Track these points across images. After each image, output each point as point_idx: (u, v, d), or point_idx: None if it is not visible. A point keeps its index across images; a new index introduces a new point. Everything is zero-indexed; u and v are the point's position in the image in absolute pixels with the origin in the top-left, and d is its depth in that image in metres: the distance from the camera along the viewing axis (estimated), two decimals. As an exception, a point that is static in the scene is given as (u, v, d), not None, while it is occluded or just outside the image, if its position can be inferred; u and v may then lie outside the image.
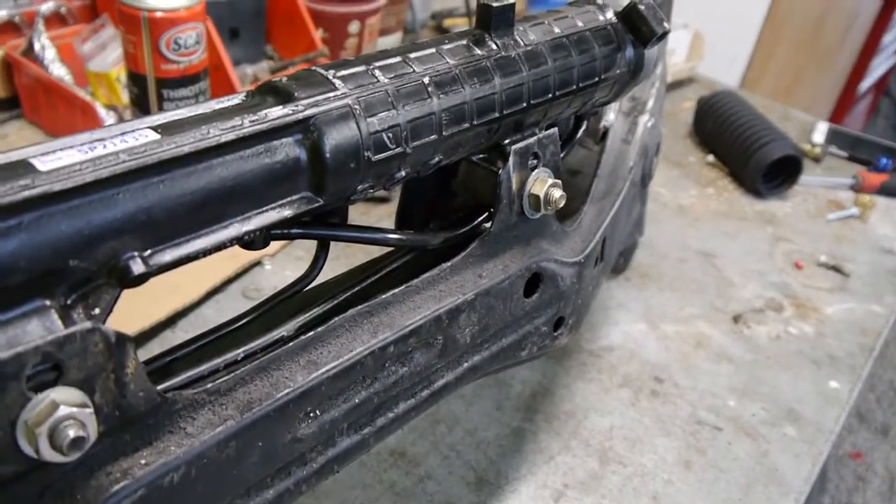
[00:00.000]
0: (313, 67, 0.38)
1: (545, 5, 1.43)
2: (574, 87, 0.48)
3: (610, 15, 0.51)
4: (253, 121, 0.33)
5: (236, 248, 0.41)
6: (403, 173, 0.40)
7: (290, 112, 0.34)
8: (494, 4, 0.44)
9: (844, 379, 0.78)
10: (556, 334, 0.53)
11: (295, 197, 0.36)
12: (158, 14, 0.73)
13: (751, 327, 0.83)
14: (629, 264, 0.88)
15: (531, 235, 0.49)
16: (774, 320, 0.84)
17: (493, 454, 0.64)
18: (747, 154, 1.05)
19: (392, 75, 0.39)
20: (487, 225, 0.46)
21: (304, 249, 0.84)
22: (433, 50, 0.42)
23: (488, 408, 0.69)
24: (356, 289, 0.43)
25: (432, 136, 0.40)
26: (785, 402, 0.74)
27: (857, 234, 1.02)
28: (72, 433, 0.28)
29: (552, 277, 0.50)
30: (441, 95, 0.40)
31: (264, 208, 0.35)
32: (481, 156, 0.46)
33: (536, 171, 0.47)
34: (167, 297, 0.72)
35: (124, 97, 0.89)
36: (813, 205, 1.07)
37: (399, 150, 0.38)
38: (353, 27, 1.05)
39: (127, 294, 0.32)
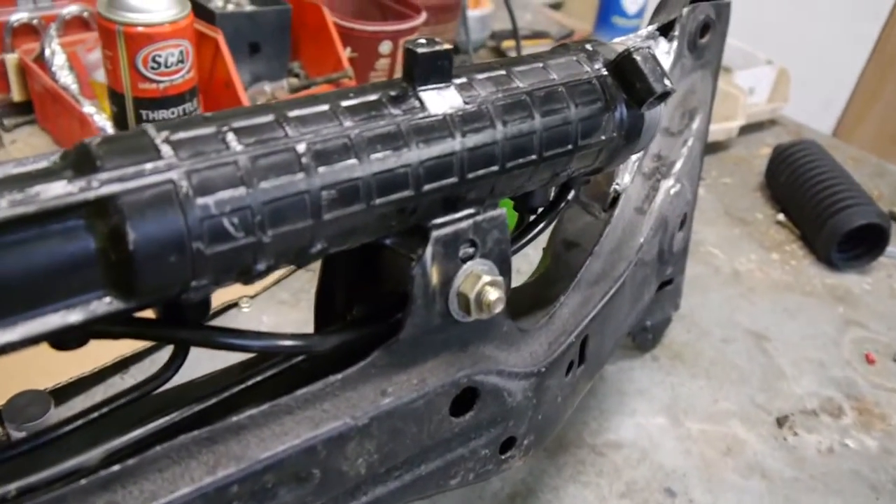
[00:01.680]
0: (146, 126, 0.29)
1: (612, 29, 1.31)
2: (533, 157, 0.38)
3: (598, 65, 0.41)
4: (14, 201, 0.25)
5: None
6: (263, 266, 0.31)
7: (77, 191, 0.26)
8: (420, 51, 0.34)
9: (908, 512, 0.64)
10: (503, 457, 0.43)
11: (86, 297, 0.27)
12: (137, 29, 0.66)
13: (797, 434, 0.69)
14: (659, 341, 0.76)
15: (468, 339, 0.39)
16: (829, 428, 0.70)
17: (445, 571, 0.54)
18: (823, 217, 0.90)
19: (251, 141, 0.30)
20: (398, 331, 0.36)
21: (290, 292, 0.76)
22: (326, 108, 0.32)
23: (454, 508, 0.59)
24: (208, 404, 0.34)
25: (304, 222, 0.31)
26: (826, 537, 0.61)
27: (951, 322, 0.86)
28: None
29: (494, 392, 0.40)
30: (321, 169, 0.31)
31: (36, 313, 0.26)
32: (395, 239, 0.36)
33: (470, 263, 0.37)
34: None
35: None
36: (900, 282, 0.92)
37: (250, 239, 0.29)
38: (385, 47, 0.97)
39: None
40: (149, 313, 0.32)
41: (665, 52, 0.58)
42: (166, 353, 0.40)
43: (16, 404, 0.57)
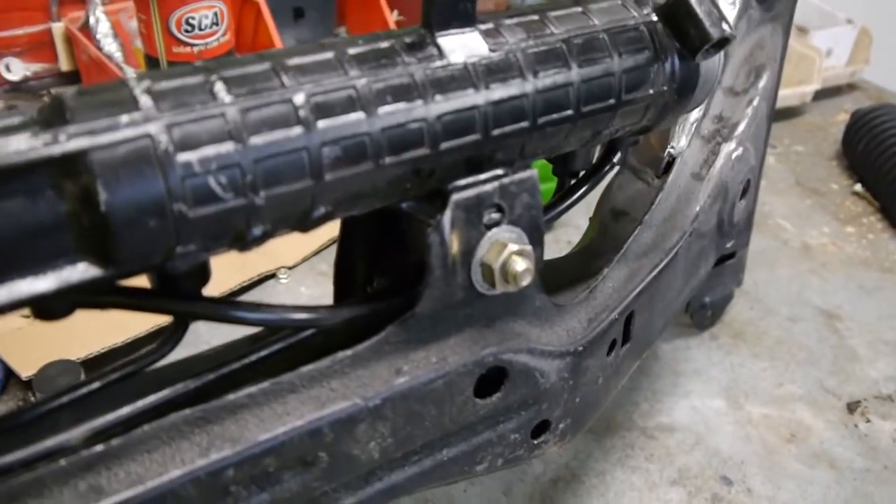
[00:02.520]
0: (127, 78, 0.26)
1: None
2: (570, 112, 0.34)
3: (647, 10, 0.36)
4: (-30, 156, 0.23)
5: (247, 255, 0.31)
6: (259, 231, 0.28)
7: (41, 145, 0.23)
8: (439, -9, 0.30)
9: None
10: (536, 442, 0.39)
11: (56, 263, 0.25)
12: (169, -11, 0.65)
13: (870, 421, 0.64)
14: (719, 319, 0.71)
15: (495, 314, 0.36)
16: (906, 414, 0.65)
17: (481, 558, 0.51)
18: (905, 187, 0.83)
19: (243, 91, 0.27)
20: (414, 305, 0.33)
21: (331, 263, 0.74)
22: (331, 55, 0.29)
23: (493, 491, 0.56)
24: (209, 377, 0.31)
25: (304, 182, 0.28)
26: (900, 534, 0.55)
27: None
28: None
29: (525, 372, 0.36)
30: (321, 123, 0.28)
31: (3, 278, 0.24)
32: (412, 203, 0.33)
33: (496, 229, 0.33)
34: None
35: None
36: None
37: (240, 201, 0.26)
38: (433, 10, 0.92)
39: None
40: (145, 283, 0.30)
41: (730, 2, 0.53)
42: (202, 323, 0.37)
43: (46, 374, 0.57)
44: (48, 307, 0.27)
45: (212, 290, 0.72)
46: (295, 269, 0.73)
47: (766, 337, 0.71)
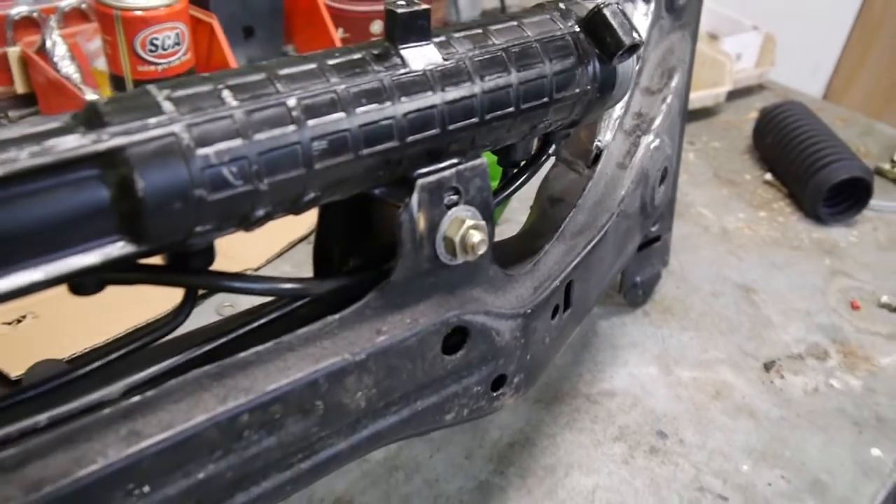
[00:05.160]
0: (148, 87, 0.32)
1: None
2: (511, 109, 0.40)
3: (571, 23, 0.43)
4: (34, 153, 0.28)
5: (219, 259, 0.36)
6: (262, 213, 0.34)
7: (88, 143, 0.29)
8: (400, 11, 0.37)
9: (891, 447, 0.66)
10: (495, 395, 0.46)
11: (101, 241, 0.30)
12: (134, 13, 0.69)
13: (784, 377, 0.72)
14: (649, 297, 0.79)
15: (456, 283, 0.42)
16: (815, 370, 0.73)
17: (449, 513, 0.57)
18: (809, 173, 0.93)
19: (246, 96, 0.32)
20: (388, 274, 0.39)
21: (292, 264, 0.79)
22: (313, 66, 0.35)
23: (456, 456, 0.62)
24: (218, 343, 0.37)
25: (297, 171, 0.33)
26: (811, 470, 0.63)
27: (935, 270, 0.89)
28: None
29: (483, 332, 0.43)
30: (310, 122, 0.33)
31: (57, 255, 0.29)
32: (384, 189, 0.39)
33: (455, 209, 0.39)
34: (131, 310, 0.68)
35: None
36: (885, 234, 0.94)
37: (248, 187, 0.32)
38: (376, 27, 0.99)
39: (88, 305, 0.27)
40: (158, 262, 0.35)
41: (643, 13, 0.61)
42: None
43: (35, 372, 0.61)
44: (83, 284, 0.32)
45: (174, 294, 0.77)
46: (259, 271, 0.78)
47: (691, 311, 0.79)
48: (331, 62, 0.35)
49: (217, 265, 0.67)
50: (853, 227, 0.94)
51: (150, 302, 0.70)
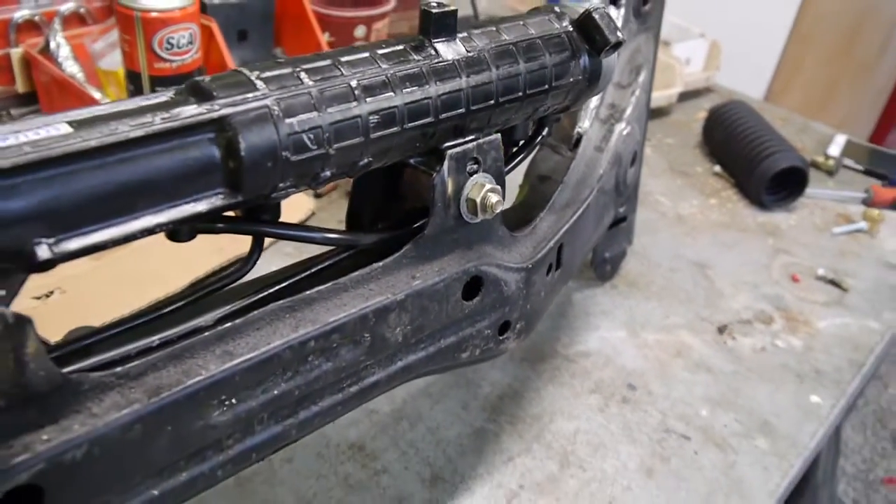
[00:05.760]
0: (239, 68, 0.39)
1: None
2: (520, 94, 0.49)
3: (566, 23, 0.52)
4: (164, 118, 0.35)
5: (223, 241, 0.41)
6: (328, 174, 0.41)
7: (205, 111, 0.36)
8: (434, 11, 0.45)
9: (827, 394, 0.77)
10: (501, 338, 0.54)
11: (209, 193, 0.37)
12: (152, 14, 0.76)
13: (735, 339, 0.82)
14: (617, 272, 0.88)
15: (473, 240, 0.50)
16: (761, 332, 0.83)
17: (453, 453, 0.65)
18: (752, 165, 1.03)
19: (318, 78, 0.40)
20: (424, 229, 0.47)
21: (294, 246, 0.86)
22: (367, 54, 0.43)
23: (454, 407, 0.70)
24: (285, 284, 0.44)
25: (358, 139, 0.41)
26: (760, 414, 0.73)
27: (863, 248, 1.00)
28: (-38, 404, 0.29)
29: (494, 282, 0.51)
30: (369, 99, 0.41)
31: (176, 202, 0.36)
32: (419, 159, 0.47)
33: (476, 176, 0.48)
34: (151, 287, 0.74)
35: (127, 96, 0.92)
36: (820, 218, 1.05)
37: (320, 151, 0.40)
38: (360, 31, 1.07)
39: (112, 282, 0.34)
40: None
41: (614, 17, 0.70)
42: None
43: (72, 337, 0.67)
44: (180, 232, 0.40)
45: (195, 271, 0.84)
46: (263, 252, 0.84)
47: (653, 284, 0.88)
48: (380, 52, 0.43)
49: (223, 244, 0.76)
50: (792, 212, 1.06)
51: (167, 280, 0.76)
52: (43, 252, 0.32)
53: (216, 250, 0.80)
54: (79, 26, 1.03)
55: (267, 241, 0.50)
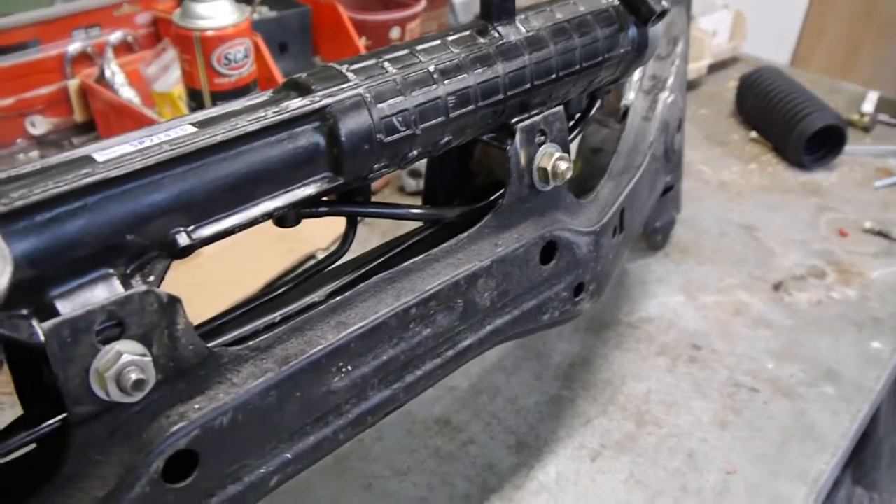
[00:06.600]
0: (330, 63, 0.43)
1: None
2: (577, 67, 0.52)
3: (611, -2, 0.55)
4: (276, 112, 0.39)
5: (292, 243, 0.44)
6: (415, 153, 0.45)
7: (308, 103, 0.40)
8: (494, -3, 0.48)
9: (887, 339, 0.79)
10: (576, 300, 0.57)
11: (316, 177, 0.41)
12: (209, 33, 0.80)
13: (791, 294, 0.84)
14: (667, 241, 0.91)
15: (545, 207, 0.53)
16: (816, 286, 0.86)
17: (533, 420, 0.68)
18: (789, 127, 1.05)
19: (400, 66, 0.44)
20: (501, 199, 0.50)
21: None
22: (439, 41, 0.46)
23: (528, 378, 0.73)
24: (381, 260, 0.48)
25: (440, 119, 0.45)
26: (824, 363, 0.75)
27: (906, 199, 1.02)
28: (134, 376, 0.33)
29: (567, 246, 0.54)
30: (446, 82, 0.45)
31: (290, 188, 0.40)
32: (491, 135, 0.50)
33: (544, 146, 0.51)
34: (229, 290, 0.78)
35: (186, 113, 0.97)
36: (860, 174, 1.07)
37: (409, 132, 0.43)
38: (395, 33, 1.10)
39: (192, 289, 0.37)
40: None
41: (646, -6, 0.73)
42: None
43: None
44: (287, 217, 0.43)
45: (269, 272, 0.89)
46: (328, 249, 0.88)
47: (704, 249, 0.91)
48: (450, 38, 0.47)
49: (290, 247, 0.80)
50: (832, 170, 1.07)
51: (245, 284, 0.80)
52: (182, 239, 0.36)
53: (286, 251, 0.84)
54: (127, 54, 1.08)
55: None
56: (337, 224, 0.93)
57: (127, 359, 0.33)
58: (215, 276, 0.83)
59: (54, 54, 1.02)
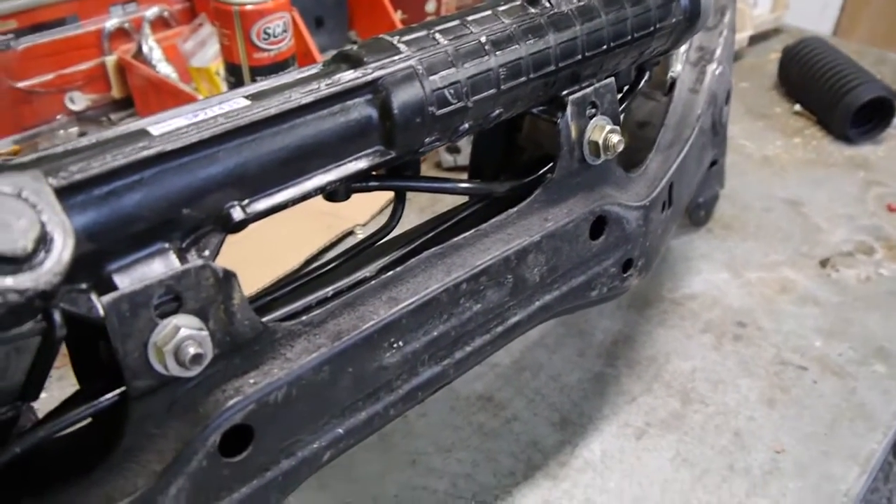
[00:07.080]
0: (381, 35, 0.42)
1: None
2: (629, 37, 0.50)
3: (663, -34, 0.53)
4: (328, 84, 0.38)
5: (331, 219, 0.44)
6: (467, 126, 0.44)
7: (360, 75, 0.39)
8: (545, -35, 0.47)
9: (939, 318, 0.77)
10: (625, 276, 0.56)
11: (369, 151, 0.40)
12: (248, 7, 0.79)
13: (839, 271, 0.83)
14: (711, 216, 0.89)
15: (594, 182, 0.52)
16: (864, 263, 0.84)
17: (577, 397, 0.68)
18: (835, 99, 1.03)
19: (451, 37, 0.43)
20: (551, 173, 0.50)
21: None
22: (490, 12, 0.45)
23: (571, 355, 0.72)
24: (430, 235, 0.48)
25: (491, 91, 0.44)
26: (874, 340, 0.74)
27: (957, 174, 0.99)
28: (192, 350, 0.33)
29: (617, 220, 0.53)
30: (498, 53, 0.44)
31: (342, 161, 0.39)
32: (541, 108, 0.49)
33: (595, 119, 0.50)
34: (270, 266, 0.78)
35: (223, 88, 0.97)
36: (909, 147, 1.04)
37: (461, 104, 0.42)
38: (431, 6, 1.09)
39: (232, 265, 0.37)
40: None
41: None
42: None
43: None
44: (337, 192, 0.43)
45: (309, 248, 0.89)
46: (366, 226, 0.88)
47: (748, 225, 0.89)
48: (500, 9, 0.46)
49: (329, 223, 0.79)
50: (880, 143, 1.05)
51: (286, 259, 0.80)
52: (237, 213, 0.36)
53: (325, 228, 0.84)
54: (164, 29, 1.08)
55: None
56: (375, 200, 0.93)
57: (185, 333, 0.33)
58: (255, 251, 0.82)
59: (92, 30, 1.02)
